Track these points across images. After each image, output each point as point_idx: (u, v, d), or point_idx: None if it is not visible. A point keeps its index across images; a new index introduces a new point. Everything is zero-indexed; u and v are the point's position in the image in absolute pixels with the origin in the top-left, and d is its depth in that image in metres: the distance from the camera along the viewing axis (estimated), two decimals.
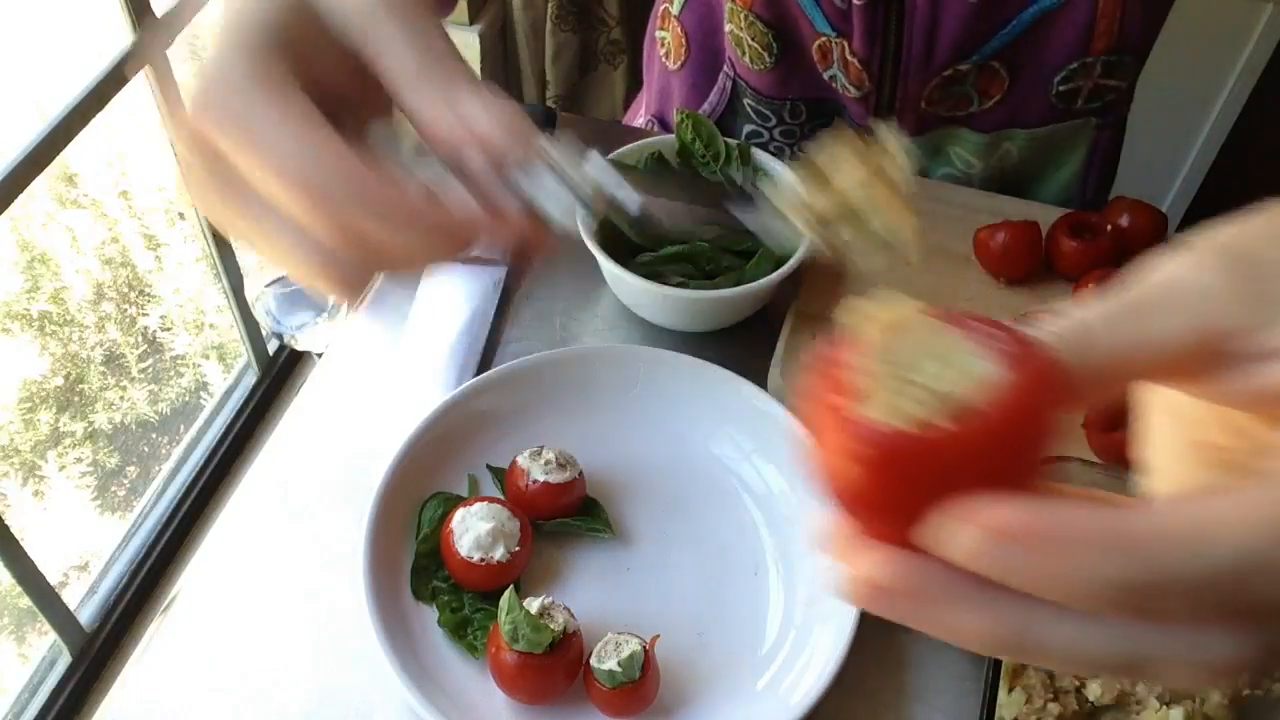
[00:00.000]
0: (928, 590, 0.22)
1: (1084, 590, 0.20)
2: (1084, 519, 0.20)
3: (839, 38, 0.76)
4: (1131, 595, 0.20)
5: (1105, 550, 0.20)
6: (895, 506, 0.22)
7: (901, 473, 0.21)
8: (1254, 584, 0.20)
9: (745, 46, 0.80)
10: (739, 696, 0.59)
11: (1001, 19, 0.72)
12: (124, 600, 1.61)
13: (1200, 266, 0.25)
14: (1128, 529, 0.20)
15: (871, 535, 0.23)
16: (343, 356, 0.77)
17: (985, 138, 0.81)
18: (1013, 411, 0.21)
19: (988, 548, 0.20)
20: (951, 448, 0.21)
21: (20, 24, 1.52)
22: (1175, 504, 0.21)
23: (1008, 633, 0.21)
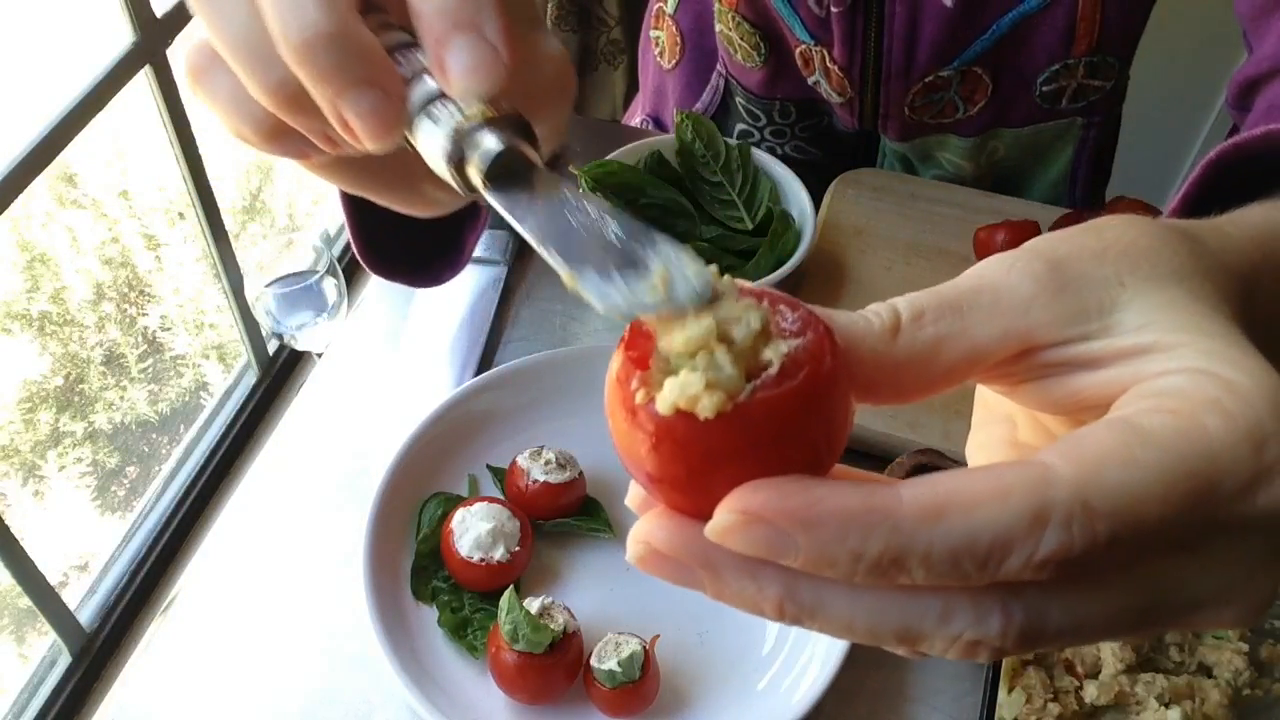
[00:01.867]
0: (700, 557, 0.23)
1: (834, 563, 0.21)
2: (835, 496, 0.21)
3: (818, 46, 0.76)
4: (877, 566, 0.21)
5: (852, 525, 0.21)
6: (678, 483, 0.23)
7: (677, 453, 0.22)
8: (987, 557, 0.21)
9: (736, 45, 0.81)
10: (739, 696, 0.59)
11: (981, 25, 0.72)
12: (124, 600, 1.60)
13: (1020, 273, 0.25)
14: (874, 504, 0.21)
15: (670, 506, 0.24)
16: (343, 356, 0.77)
17: (972, 141, 0.81)
18: (788, 395, 0.21)
19: (741, 530, 0.21)
20: (722, 429, 0.21)
21: (20, 24, 1.52)
22: (923, 481, 0.22)
23: (778, 599, 0.22)
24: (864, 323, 0.24)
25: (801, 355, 0.22)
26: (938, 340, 0.25)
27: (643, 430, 0.22)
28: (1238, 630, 0.59)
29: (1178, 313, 0.24)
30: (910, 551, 0.21)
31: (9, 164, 1.22)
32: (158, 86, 1.45)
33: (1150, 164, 1.88)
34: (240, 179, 2.00)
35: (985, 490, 0.21)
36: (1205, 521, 0.22)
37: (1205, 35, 1.72)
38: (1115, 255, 0.25)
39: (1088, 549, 0.21)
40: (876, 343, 0.24)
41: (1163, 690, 0.55)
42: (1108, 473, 0.21)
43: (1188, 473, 0.21)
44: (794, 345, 0.22)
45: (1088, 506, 0.21)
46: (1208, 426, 0.22)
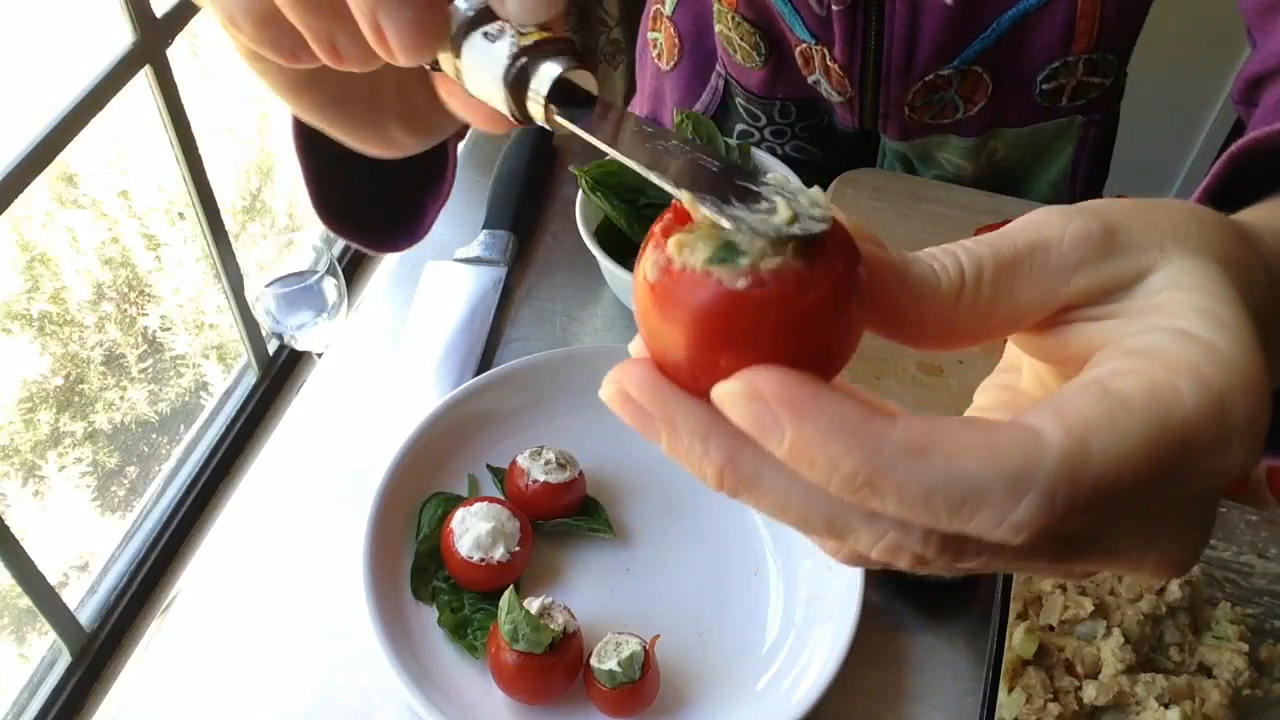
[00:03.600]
0: (660, 409, 0.24)
1: (812, 463, 0.22)
2: (835, 403, 0.22)
3: (819, 45, 0.76)
4: (850, 480, 0.22)
5: (840, 433, 0.22)
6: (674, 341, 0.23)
7: (681, 313, 0.22)
8: (961, 503, 0.22)
9: (736, 46, 0.81)
10: (739, 696, 0.59)
11: (981, 23, 0.72)
12: (124, 600, 1.60)
13: (1074, 236, 0.25)
14: (867, 423, 0.22)
15: (656, 362, 0.24)
16: (343, 356, 0.77)
17: (972, 141, 0.81)
18: (775, 301, 0.22)
19: (743, 401, 0.22)
20: (730, 301, 0.22)
21: (20, 24, 1.52)
22: (920, 419, 0.22)
23: (720, 464, 0.23)
24: (933, 279, 0.25)
25: (828, 251, 0.22)
26: (992, 302, 0.25)
27: (656, 283, 0.23)
28: (1238, 631, 0.59)
29: (1196, 276, 0.25)
30: (885, 477, 0.22)
31: (9, 164, 1.22)
32: (158, 86, 1.45)
33: (1150, 164, 1.88)
34: (240, 179, 2.00)
35: (975, 442, 0.22)
36: (1165, 484, 0.23)
37: (1204, 35, 1.72)
38: (1166, 227, 0.26)
39: (1064, 518, 0.22)
40: (941, 300, 0.25)
41: (1163, 690, 0.55)
42: (1093, 441, 0.22)
43: (1162, 440, 0.22)
44: (825, 221, 0.22)
45: (1074, 475, 0.22)
46: (1181, 390, 0.22)
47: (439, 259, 0.82)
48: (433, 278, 0.80)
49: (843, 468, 0.22)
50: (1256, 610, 0.60)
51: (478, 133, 0.94)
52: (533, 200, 0.86)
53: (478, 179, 0.89)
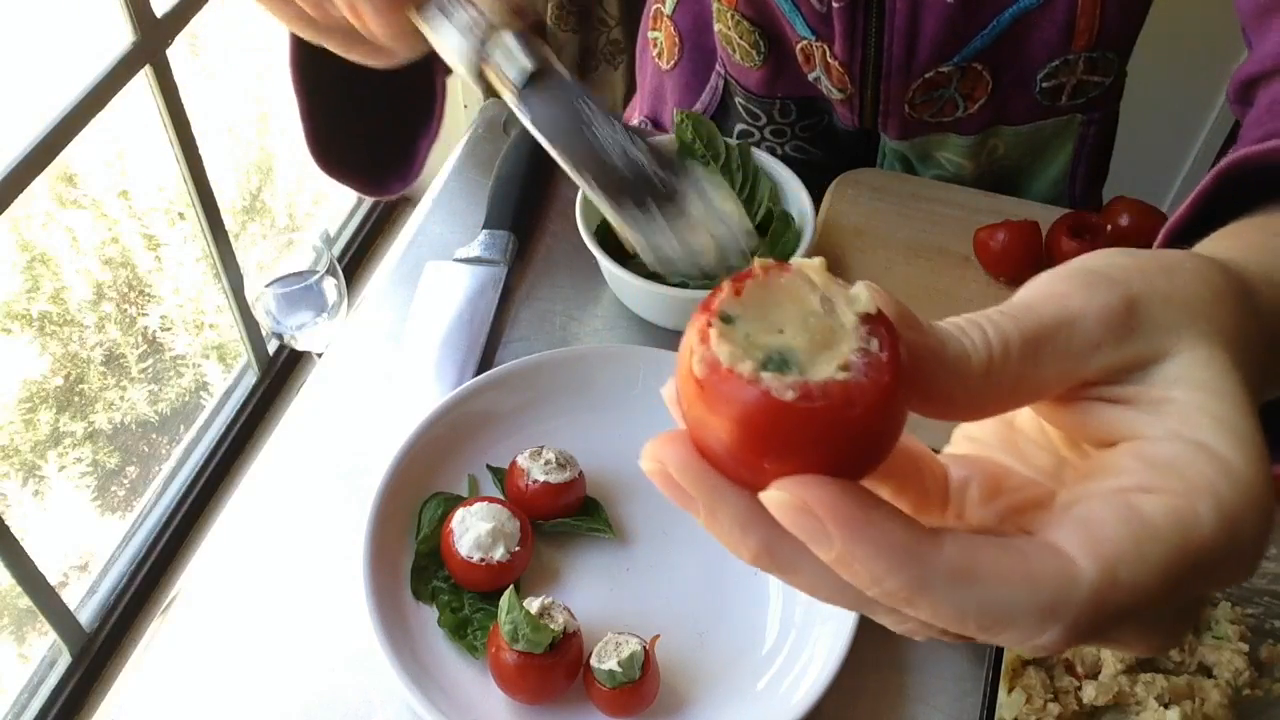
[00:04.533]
0: (701, 494, 0.25)
1: (856, 575, 0.23)
2: (886, 523, 0.23)
3: (819, 41, 0.76)
4: (891, 595, 0.23)
5: (887, 554, 0.23)
6: (719, 437, 0.24)
7: (714, 399, 0.23)
8: (991, 625, 0.23)
9: (735, 45, 0.81)
10: (739, 696, 0.59)
11: (981, 20, 0.72)
12: (124, 600, 1.60)
13: (1097, 313, 0.26)
14: (916, 546, 0.23)
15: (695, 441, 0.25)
16: (343, 356, 0.77)
17: (972, 140, 0.81)
18: (823, 414, 0.22)
19: (793, 514, 0.23)
20: (754, 410, 0.23)
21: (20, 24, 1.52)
22: (965, 541, 0.23)
23: (757, 550, 0.25)
24: (965, 360, 0.26)
25: (874, 361, 0.23)
26: (1019, 379, 0.26)
27: (704, 379, 0.23)
28: (1238, 631, 0.59)
29: (1210, 372, 0.26)
30: (925, 598, 0.23)
31: (9, 164, 1.22)
32: (158, 86, 1.45)
33: (1149, 163, 1.88)
34: (240, 179, 2.00)
35: (1015, 571, 0.23)
36: (1175, 596, 0.24)
37: (1204, 34, 1.72)
38: (1180, 302, 0.27)
39: (1084, 640, 0.24)
40: (972, 379, 0.26)
41: (1162, 690, 0.56)
42: (1121, 573, 0.23)
43: (1182, 565, 0.24)
44: (869, 350, 0.23)
45: (1099, 608, 0.23)
46: (1200, 515, 0.24)
47: (439, 259, 0.82)
48: (433, 278, 0.80)
49: (886, 585, 0.23)
50: (1256, 610, 0.60)
51: (478, 132, 0.94)
52: (533, 200, 0.86)
53: (478, 179, 0.89)
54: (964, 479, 0.28)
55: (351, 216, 2.20)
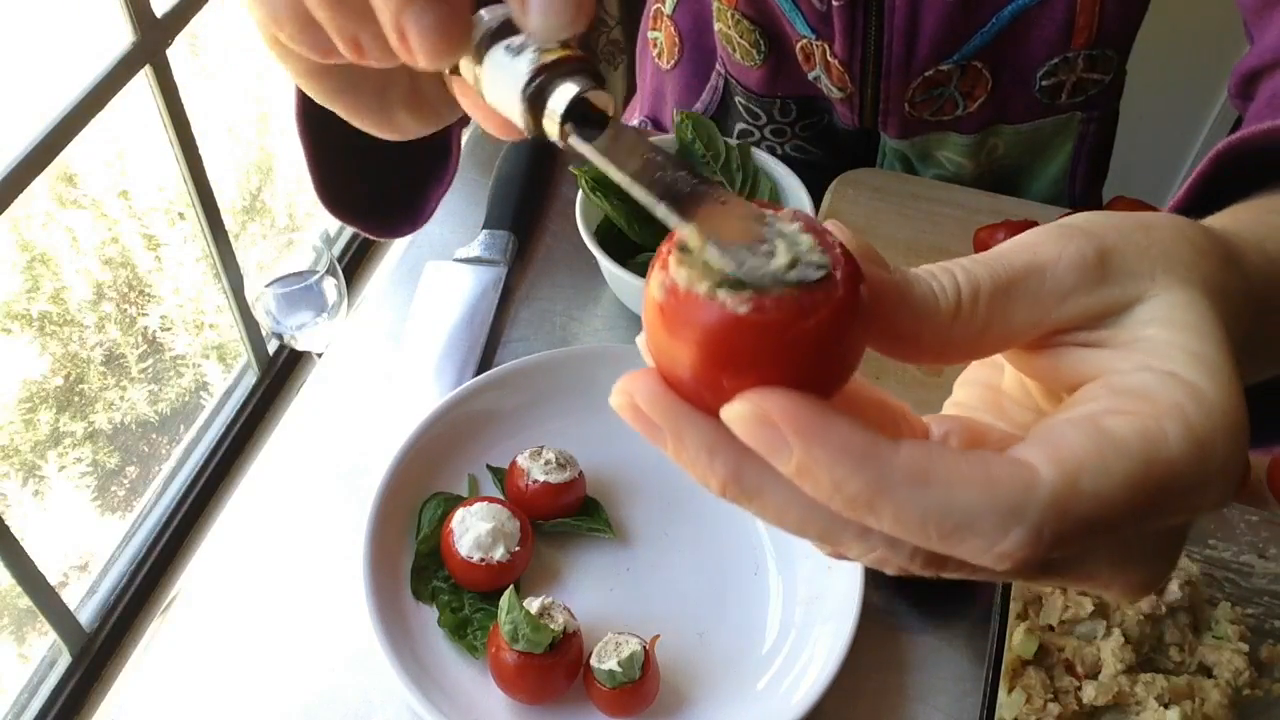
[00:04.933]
0: (668, 422, 0.25)
1: (816, 482, 0.23)
2: (842, 427, 0.23)
3: (819, 40, 0.76)
4: (852, 501, 0.23)
5: (845, 457, 0.23)
6: (682, 359, 0.24)
7: (691, 334, 0.23)
8: (952, 531, 0.23)
9: (735, 44, 0.81)
10: (739, 696, 0.59)
11: (981, 17, 0.73)
12: (124, 600, 1.60)
13: (1069, 261, 0.26)
14: (872, 448, 0.23)
15: (662, 372, 0.25)
16: (343, 356, 0.77)
17: (972, 138, 0.81)
18: (779, 326, 0.23)
19: (753, 424, 0.23)
20: (717, 326, 0.23)
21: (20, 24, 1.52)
22: (922, 445, 0.23)
23: (724, 476, 0.24)
24: (932, 300, 0.26)
25: (828, 285, 0.23)
26: (987, 323, 0.26)
27: (663, 303, 0.24)
28: (1238, 631, 0.59)
29: (1184, 312, 0.26)
30: (886, 501, 0.23)
31: (9, 164, 1.22)
32: (158, 86, 1.45)
33: (1149, 163, 1.88)
34: (240, 179, 2.00)
35: (973, 474, 0.23)
36: (1144, 519, 0.24)
37: (1204, 34, 1.72)
38: (1157, 254, 0.27)
39: (1048, 549, 0.23)
40: (939, 320, 0.26)
41: (1163, 690, 0.56)
42: (1083, 481, 0.23)
43: (1147, 481, 0.23)
44: (824, 268, 0.23)
45: (1062, 513, 0.23)
46: (1168, 434, 0.23)
47: (439, 259, 0.82)
48: (433, 278, 0.80)
49: (846, 489, 0.23)
50: (1256, 610, 0.60)
51: (478, 133, 0.94)
52: (533, 200, 0.86)
53: (478, 179, 0.89)
54: (944, 434, 0.28)
55: None
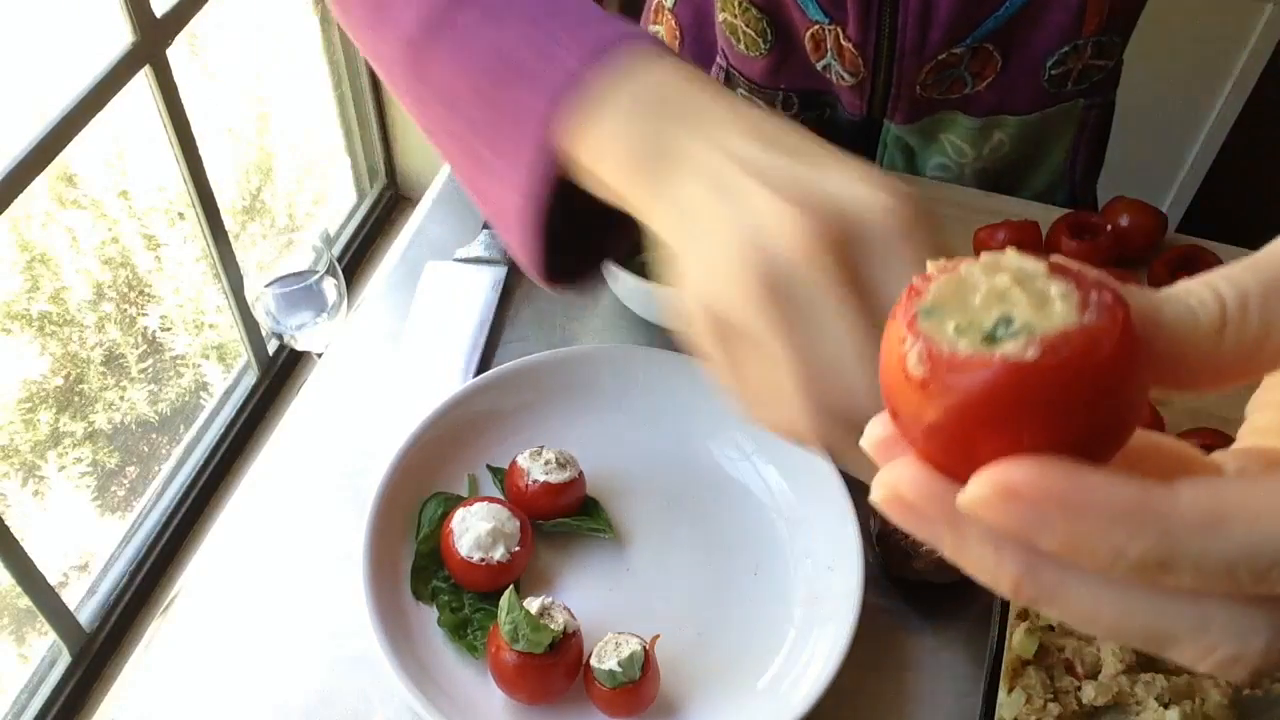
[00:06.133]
0: (947, 515, 0.22)
1: (1093, 554, 0.20)
2: (1105, 486, 0.20)
3: (833, 24, 0.76)
4: (1140, 565, 0.20)
5: (1120, 519, 0.20)
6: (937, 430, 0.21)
7: (946, 398, 0.21)
8: (1268, 570, 0.20)
9: (740, 34, 0.80)
10: (739, 696, 0.59)
11: (994, 1, 0.73)
12: (124, 600, 1.61)
13: None
14: (1147, 501, 0.20)
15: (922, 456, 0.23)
16: (343, 356, 0.77)
17: (978, 122, 0.81)
18: (1074, 362, 0.20)
19: (995, 503, 0.20)
20: (998, 382, 0.20)
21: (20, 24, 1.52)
22: (1203, 483, 0.20)
23: (1017, 576, 0.22)
24: (1190, 318, 0.23)
25: (1104, 304, 0.20)
26: (1264, 329, 0.23)
27: (926, 378, 0.21)
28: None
29: None
30: (1180, 556, 0.20)
31: (9, 164, 1.22)
32: (158, 86, 1.45)
33: (1149, 163, 1.88)
34: (240, 179, 2.00)
35: (1273, 503, 0.20)
36: None
37: (1205, 34, 1.72)
38: None
39: None
40: (1203, 340, 0.22)
41: (1162, 690, 0.55)
42: None
43: None
44: (1085, 317, 0.20)
45: None
46: None
47: (439, 259, 0.82)
48: (433, 278, 0.80)
49: (1130, 554, 0.20)
50: None
51: None
52: None
53: None
54: (1239, 471, 0.24)
55: (351, 216, 2.20)
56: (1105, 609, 0.21)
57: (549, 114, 0.44)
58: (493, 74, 0.47)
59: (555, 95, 0.44)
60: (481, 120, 0.48)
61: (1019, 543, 0.21)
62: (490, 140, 0.48)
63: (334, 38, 2.00)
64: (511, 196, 0.47)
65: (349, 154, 2.19)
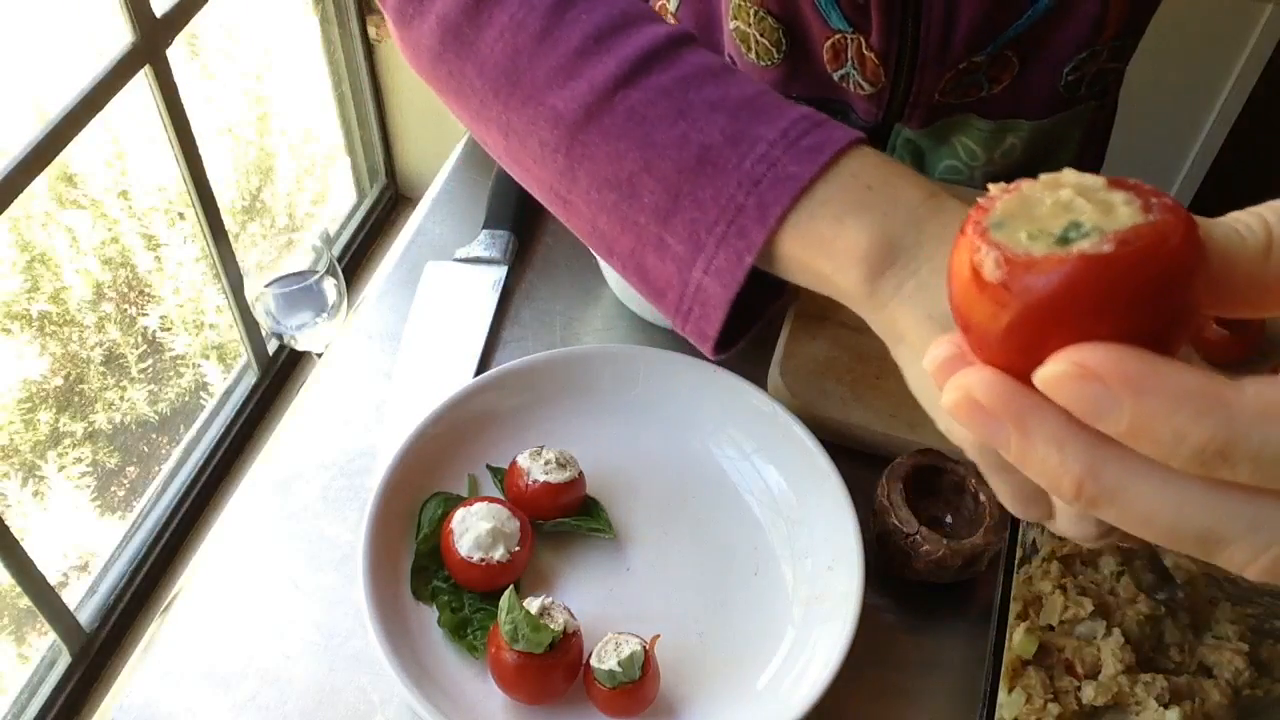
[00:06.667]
0: (1012, 412, 0.22)
1: (1156, 438, 0.21)
2: (1175, 372, 0.21)
3: (855, 33, 0.75)
4: (1201, 452, 0.21)
5: (1185, 403, 0.21)
6: (1010, 332, 0.22)
7: (1020, 294, 0.22)
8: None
9: (752, 43, 0.80)
10: (739, 696, 0.59)
11: (1017, 9, 0.72)
12: (124, 600, 1.61)
13: None
14: (1213, 389, 0.21)
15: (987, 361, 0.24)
16: (343, 356, 0.77)
17: (992, 125, 0.81)
18: (1148, 253, 0.21)
19: (1072, 382, 0.21)
20: (1078, 276, 0.21)
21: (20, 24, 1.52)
22: (1267, 381, 0.21)
23: (1080, 475, 0.22)
24: (1237, 238, 0.23)
25: (1156, 229, 0.22)
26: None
27: (1003, 281, 0.22)
28: (1238, 631, 0.59)
29: None
30: (1240, 444, 0.20)
31: (9, 164, 1.22)
32: (158, 86, 1.45)
33: (1150, 162, 1.88)
34: (240, 179, 2.00)
35: None
36: None
37: (1205, 33, 1.72)
38: None
39: None
40: (1250, 261, 0.23)
41: (1162, 690, 0.56)
42: None
43: None
44: (1150, 218, 0.22)
45: None
46: None
47: (439, 259, 0.82)
48: (433, 278, 0.80)
49: (1191, 439, 0.21)
50: (1256, 610, 0.60)
51: None
52: (533, 200, 0.86)
53: (478, 179, 0.89)
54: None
55: (351, 216, 2.21)
56: (1163, 508, 0.22)
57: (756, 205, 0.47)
58: (677, 160, 0.49)
59: (756, 185, 0.47)
60: (663, 204, 0.50)
61: (1083, 442, 0.22)
62: (669, 224, 0.50)
63: (334, 37, 2.00)
64: (696, 278, 0.49)
65: (349, 154, 2.19)
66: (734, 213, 0.47)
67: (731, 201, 0.47)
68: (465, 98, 0.56)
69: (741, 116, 0.49)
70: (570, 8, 0.53)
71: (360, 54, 2.04)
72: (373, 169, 2.24)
